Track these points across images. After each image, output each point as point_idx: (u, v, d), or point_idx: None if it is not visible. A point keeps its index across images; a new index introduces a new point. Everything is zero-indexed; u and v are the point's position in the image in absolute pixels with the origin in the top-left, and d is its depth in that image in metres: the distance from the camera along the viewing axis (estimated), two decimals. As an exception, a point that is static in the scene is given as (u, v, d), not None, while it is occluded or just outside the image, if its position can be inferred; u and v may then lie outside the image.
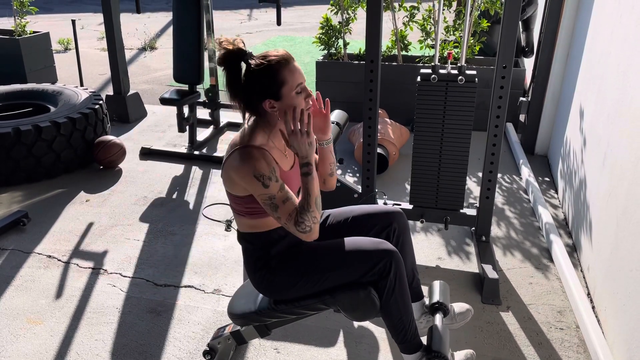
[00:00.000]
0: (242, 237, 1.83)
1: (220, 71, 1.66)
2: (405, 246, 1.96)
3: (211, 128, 4.65)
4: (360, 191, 2.99)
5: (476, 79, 2.58)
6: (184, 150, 4.24)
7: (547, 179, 3.80)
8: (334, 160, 1.92)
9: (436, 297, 2.01)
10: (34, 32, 6.02)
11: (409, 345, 1.81)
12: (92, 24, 9.97)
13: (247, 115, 1.73)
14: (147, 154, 4.24)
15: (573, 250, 2.93)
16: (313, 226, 1.65)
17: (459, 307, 2.10)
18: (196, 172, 3.96)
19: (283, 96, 1.65)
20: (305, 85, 1.69)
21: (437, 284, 2.07)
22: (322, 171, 1.91)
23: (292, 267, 1.77)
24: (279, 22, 4.18)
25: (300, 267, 1.76)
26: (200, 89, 4.35)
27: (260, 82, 1.64)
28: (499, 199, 3.49)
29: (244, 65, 1.65)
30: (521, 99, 4.25)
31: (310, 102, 1.72)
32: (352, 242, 1.75)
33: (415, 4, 4.73)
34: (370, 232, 1.89)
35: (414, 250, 2.03)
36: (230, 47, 1.63)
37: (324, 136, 1.85)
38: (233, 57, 1.64)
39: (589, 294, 2.54)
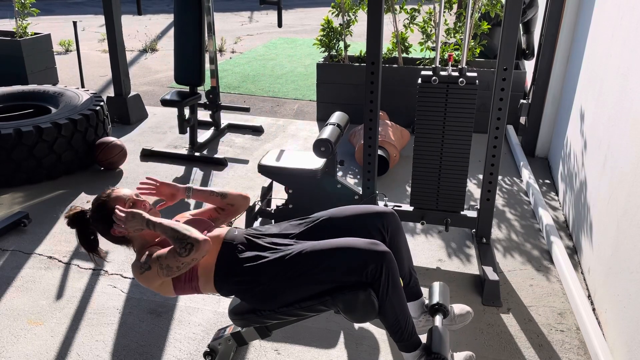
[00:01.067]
0: (220, 288, 1.88)
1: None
2: (400, 247, 1.96)
3: (212, 129, 4.66)
4: (360, 193, 2.99)
5: (477, 81, 2.59)
6: (184, 151, 4.24)
7: (547, 181, 3.81)
8: (210, 190, 2.10)
9: (436, 299, 2.01)
10: (35, 33, 6.03)
11: (407, 343, 1.82)
12: (93, 25, 9.99)
13: (130, 248, 1.96)
14: (148, 155, 4.24)
15: (574, 252, 2.93)
16: (190, 239, 1.73)
17: (459, 308, 2.10)
18: (197, 173, 3.96)
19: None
20: (131, 196, 1.94)
21: (437, 285, 2.07)
22: (217, 204, 2.12)
23: (283, 272, 1.77)
24: (280, 24, 4.19)
25: (291, 271, 1.75)
26: (201, 90, 4.36)
27: (101, 224, 1.92)
28: (499, 201, 3.49)
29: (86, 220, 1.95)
30: (522, 101, 4.25)
31: (140, 196, 1.97)
32: (344, 241, 1.75)
33: (416, 7, 4.74)
34: (362, 232, 1.89)
35: (409, 250, 2.04)
36: (70, 213, 1.95)
37: (180, 195, 2.09)
38: (78, 220, 1.96)
39: (589, 296, 2.54)
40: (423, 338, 1.89)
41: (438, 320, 1.95)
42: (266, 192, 3.19)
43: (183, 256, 1.72)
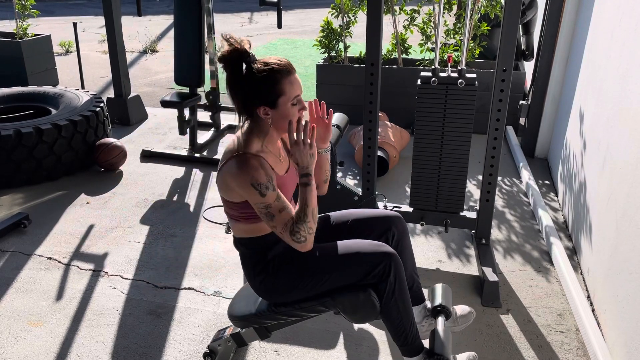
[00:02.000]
0: (238, 242, 1.83)
1: (220, 69, 1.67)
2: (405, 250, 1.97)
3: (212, 131, 4.66)
4: (360, 194, 3.00)
5: (476, 82, 2.59)
6: (184, 152, 4.25)
7: (547, 182, 3.81)
8: (329, 167, 1.94)
9: (438, 300, 2.01)
10: (36, 34, 6.04)
11: (410, 348, 1.82)
12: (93, 26, 10.00)
13: (242, 117, 1.73)
14: (148, 156, 4.25)
15: (573, 253, 2.93)
16: (308, 237, 1.65)
17: (461, 309, 2.10)
18: (197, 174, 3.97)
19: (279, 105, 1.66)
20: (301, 97, 1.71)
21: (439, 287, 2.07)
22: (317, 177, 1.93)
23: (290, 270, 1.77)
24: (279, 25, 4.20)
25: (300, 270, 1.76)
26: (201, 91, 4.36)
27: (258, 88, 1.64)
28: (499, 202, 3.49)
29: (244, 67, 1.65)
30: (521, 102, 4.26)
31: (303, 114, 1.73)
32: (351, 244, 1.76)
33: (416, 8, 4.74)
34: (369, 236, 1.89)
35: (413, 254, 2.04)
36: (237, 45, 1.63)
37: (323, 144, 1.88)
38: (236, 56, 1.63)
39: (588, 297, 2.54)
40: (425, 343, 1.89)
41: (440, 322, 1.95)
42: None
43: (284, 230, 1.63)
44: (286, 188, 1.77)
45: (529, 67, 4.84)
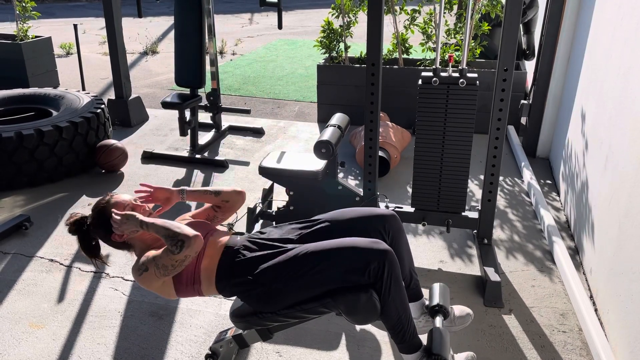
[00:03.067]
0: (222, 289, 1.89)
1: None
2: (401, 248, 1.96)
3: (213, 132, 4.66)
4: (361, 194, 2.99)
5: (477, 82, 2.58)
6: (185, 154, 4.24)
7: (548, 181, 3.80)
8: (204, 189, 2.11)
9: (436, 300, 2.01)
10: (36, 36, 6.04)
11: (408, 345, 1.81)
12: (93, 28, 10.01)
13: (131, 253, 1.98)
14: (149, 157, 4.25)
15: (575, 252, 2.92)
16: (180, 237, 1.74)
17: (459, 310, 2.09)
18: (198, 175, 3.96)
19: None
20: (129, 201, 1.95)
21: (437, 287, 2.07)
22: (213, 202, 2.12)
23: (283, 274, 1.77)
24: (280, 26, 4.19)
25: (295, 270, 1.75)
26: (201, 92, 4.37)
27: (101, 230, 1.94)
28: (501, 202, 3.49)
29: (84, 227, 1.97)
30: (522, 101, 4.25)
31: (138, 201, 1.99)
32: (346, 241, 1.75)
33: (417, 8, 4.74)
34: (364, 235, 1.89)
35: (410, 252, 2.04)
36: (71, 220, 1.97)
37: (175, 198, 2.08)
38: (78, 227, 1.97)
39: (591, 297, 2.53)
40: (423, 339, 1.89)
41: (438, 321, 1.95)
42: (267, 194, 3.19)
43: (175, 254, 1.74)
44: (197, 228, 1.95)
45: (530, 66, 4.83)
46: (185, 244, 1.73)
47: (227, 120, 4.92)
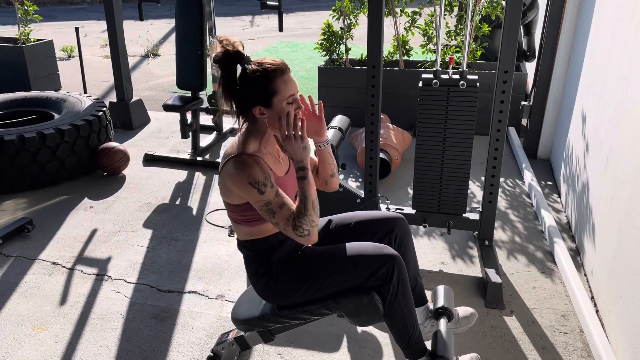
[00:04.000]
0: (242, 245, 1.84)
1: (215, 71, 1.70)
2: (408, 252, 1.97)
3: (214, 134, 4.67)
4: (362, 196, 3.00)
5: (478, 84, 2.59)
6: (187, 156, 4.25)
7: (549, 182, 3.80)
8: (334, 161, 1.93)
9: (440, 302, 2.01)
10: (38, 39, 6.06)
11: (413, 350, 1.82)
12: (95, 31, 10.03)
13: (241, 120, 1.74)
14: (151, 160, 4.26)
15: (576, 253, 2.92)
16: (311, 229, 1.65)
17: (463, 311, 2.10)
18: (199, 178, 3.97)
19: (274, 105, 1.67)
20: (297, 96, 1.71)
21: (441, 289, 2.07)
22: (323, 173, 1.92)
23: (294, 272, 1.78)
24: (280, 28, 4.20)
25: (303, 272, 1.76)
26: (203, 95, 4.37)
27: (253, 88, 1.66)
28: (502, 203, 3.49)
29: (239, 68, 1.67)
30: (523, 103, 4.25)
31: (300, 113, 1.72)
32: (354, 247, 1.76)
33: (417, 9, 4.74)
34: (372, 238, 1.90)
35: (416, 256, 2.04)
36: (230, 48, 1.66)
37: (320, 138, 1.86)
38: (230, 58, 1.66)
39: (592, 298, 2.53)
40: (428, 345, 1.89)
41: (442, 323, 1.95)
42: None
43: (286, 226, 1.63)
44: (287, 188, 1.77)
45: (530, 68, 4.83)
46: (302, 235, 1.62)
47: (228, 123, 4.92)
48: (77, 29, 5.33)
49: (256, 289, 1.86)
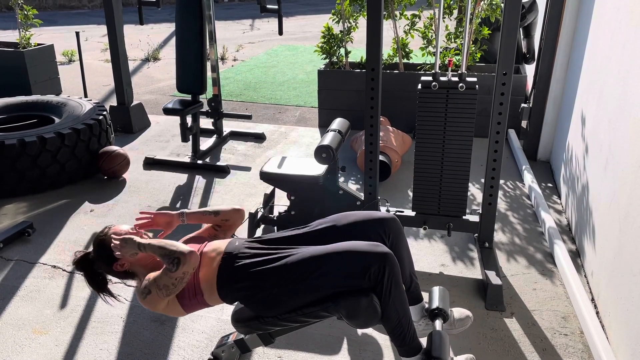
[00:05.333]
0: (222, 297, 1.90)
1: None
2: (401, 251, 1.97)
3: (214, 137, 4.67)
4: (362, 199, 3.00)
5: (476, 86, 2.59)
6: (187, 159, 4.26)
7: (549, 184, 3.80)
8: (203, 213, 2.12)
9: (436, 303, 2.01)
10: (39, 44, 6.08)
11: (408, 348, 1.82)
12: (95, 35, 10.06)
13: (135, 279, 1.99)
14: (151, 163, 4.26)
15: (577, 255, 2.92)
16: (176, 255, 1.77)
17: (458, 313, 2.10)
18: (199, 181, 3.98)
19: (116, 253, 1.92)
20: (127, 231, 1.97)
21: (436, 290, 2.08)
22: (213, 222, 2.14)
23: (286, 278, 1.77)
24: (280, 32, 4.22)
25: (296, 275, 1.76)
26: (203, 98, 4.38)
27: (102, 260, 1.96)
28: (502, 205, 3.49)
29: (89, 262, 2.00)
30: (523, 105, 4.26)
31: (136, 229, 2.02)
32: (346, 245, 1.76)
33: (417, 12, 4.76)
34: (364, 238, 1.89)
35: (411, 255, 2.04)
36: (76, 257, 2.00)
37: (175, 222, 2.12)
38: (83, 263, 2.00)
39: (593, 300, 2.53)
40: (423, 342, 1.89)
41: (438, 324, 1.95)
42: (268, 199, 3.20)
43: (173, 271, 1.76)
44: (195, 244, 2.00)
45: (530, 70, 4.84)
46: (181, 260, 1.76)
47: (228, 126, 4.93)
48: (77, 33, 5.34)
49: (256, 312, 1.87)
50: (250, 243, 1.96)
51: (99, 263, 1.99)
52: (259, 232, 3.06)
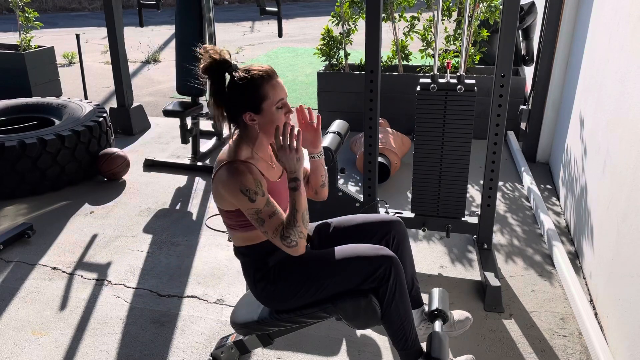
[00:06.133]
0: (238, 251, 1.85)
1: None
2: (405, 254, 1.98)
3: (214, 139, 4.68)
4: (361, 200, 3.01)
5: (475, 88, 2.60)
6: (187, 161, 4.27)
7: (548, 186, 3.81)
8: (325, 172, 1.96)
9: (435, 305, 2.02)
10: (39, 46, 6.09)
11: (410, 352, 1.82)
12: (96, 37, 10.08)
13: (232, 127, 1.76)
14: (151, 165, 4.27)
15: (575, 257, 2.93)
16: (299, 241, 1.66)
17: (458, 314, 2.10)
18: (199, 183, 3.98)
19: (263, 110, 1.69)
20: (286, 101, 1.74)
21: (436, 292, 2.08)
22: (314, 183, 1.96)
23: (291, 276, 1.78)
24: (280, 34, 4.23)
25: (300, 276, 1.77)
26: (202, 100, 4.39)
27: (241, 95, 1.68)
28: (501, 207, 3.50)
29: (227, 77, 1.70)
30: (522, 107, 4.26)
31: (290, 117, 1.75)
32: (351, 248, 1.77)
33: (416, 14, 4.77)
34: (369, 241, 1.91)
35: (413, 259, 2.05)
36: (217, 56, 1.69)
37: (315, 150, 1.89)
38: (217, 67, 1.69)
39: (591, 301, 2.54)
40: (423, 346, 1.90)
41: (437, 326, 1.96)
42: (268, 201, 3.20)
43: (274, 236, 1.65)
44: (279, 193, 1.78)
45: (529, 72, 4.85)
46: (288, 245, 1.64)
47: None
48: (77, 36, 5.35)
49: (254, 294, 1.87)
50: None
51: (234, 90, 1.68)
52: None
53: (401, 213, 2.96)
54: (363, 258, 1.72)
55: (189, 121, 4.17)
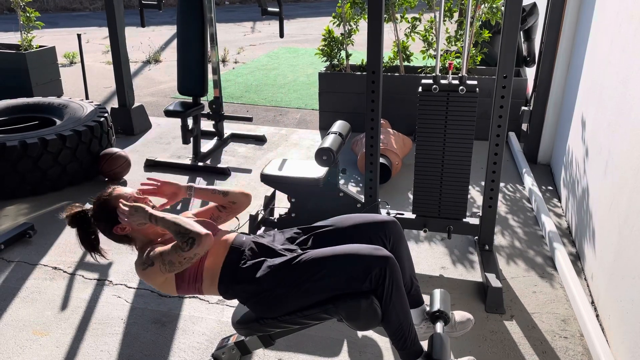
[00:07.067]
0: (222, 291, 1.89)
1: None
2: (402, 254, 1.98)
3: (215, 139, 4.68)
4: (363, 201, 3.00)
5: (477, 89, 2.60)
6: (188, 161, 4.27)
7: (550, 187, 3.81)
8: (212, 189, 2.13)
9: (437, 306, 2.02)
10: (40, 46, 6.10)
11: (409, 352, 1.82)
12: (97, 37, 10.08)
13: (133, 245, 1.98)
14: (152, 165, 4.27)
15: (577, 258, 2.93)
16: (191, 234, 1.73)
17: (459, 315, 2.10)
18: (200, 183, 3.98)
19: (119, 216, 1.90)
20: (132, 195, 1.95)
21: (437, 292, 2.08)
22: (218, 203, 2.14)
23: (288, 279, 1.78)
24: (281, 35, 4.23)
25: (297, 277, 1.77)
26: (204, 101, 4.39)
27: (102, 221, 1.93)
28: (502, 208, 3.49)
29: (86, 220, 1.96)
30: (523, 108, 4.26)
31: (141, 194, 2.00)
32: (347, 248, 1.77)
33: (417, 15, 4.77)
34: (365, 241, 1.90)
35: (411, 258, 2.05)
36: (71, 212, 1.95)
37: (182, 194, 2.11)
38: (78, 218, 1.95)
39: (592, 302, 2.54)
40: (424, 345, 1.89)
41: (439, 327, 1.95)
42: (269, 201, 3.20)
43: (185, 251, 1.72)
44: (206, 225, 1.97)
45: (530, 73, 4.85)
46: (196, 241, 1.72)
47: (229, 128, 4.94)
48: (79, 36, 5.35)
49: (256, 311, 1.87)
50: (257, 241, 1.95)
51: (97, 223, 1.94)
52: (260, 232, 3.05)
53: (402, 214, 2.96)
54: (359, 257, 1.72)
55: (190, 121, 4.17)
